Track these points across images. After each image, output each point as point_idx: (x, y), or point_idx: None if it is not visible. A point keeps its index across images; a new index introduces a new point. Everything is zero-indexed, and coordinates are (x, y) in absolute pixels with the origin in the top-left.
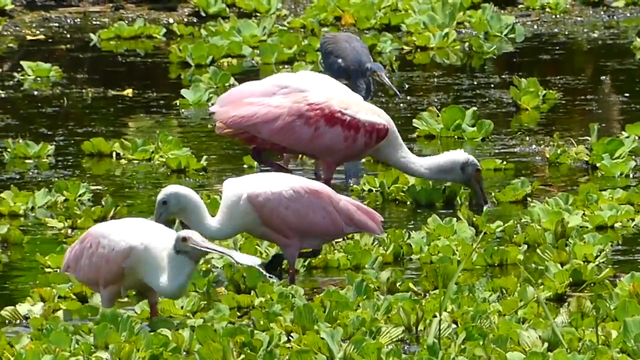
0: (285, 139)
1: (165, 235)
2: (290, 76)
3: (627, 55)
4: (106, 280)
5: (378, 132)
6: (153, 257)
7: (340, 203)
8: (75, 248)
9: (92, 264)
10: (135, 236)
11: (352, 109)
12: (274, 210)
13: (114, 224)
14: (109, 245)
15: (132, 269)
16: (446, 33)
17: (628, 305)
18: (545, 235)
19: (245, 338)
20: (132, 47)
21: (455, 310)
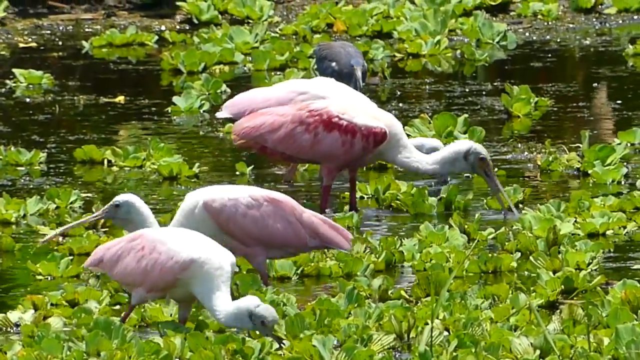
0: (288, 147)
1: (223, 253)
2: (306, 82)
3: (619, 63)
4: (153, 286)
5: (375, 136)
6: (209, 274)
7: (304, 215)
8: (117, 246)
9: (141, 267)
10: (195, 249)
11: (350, 114)
12: (231, 218)
13: (171, 232)
14: (167, 253)
15: (185, 281)
16: (438, 40)
17: (620, 313)
18: (537, 242)
19: (236, 346)
20: (124, 55)
21: (447, 318)
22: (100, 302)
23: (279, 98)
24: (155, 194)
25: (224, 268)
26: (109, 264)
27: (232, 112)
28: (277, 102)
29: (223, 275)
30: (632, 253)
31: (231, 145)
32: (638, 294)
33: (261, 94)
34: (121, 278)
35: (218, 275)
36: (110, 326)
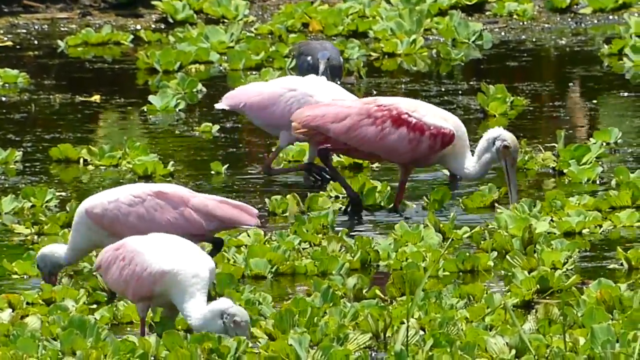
0: (352, 137)
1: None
2: (299, 79)
3: (595, 62)
4: (134, 296)
5: (443, 137)
6: (183, 284)
7: (194, 200)
8: (108, 253)
9: (122, 277)
10: (169, 260)
11: (420, 112)
12: (115, 220)
13: (149, 241)
14: (142, 264)
15: (162, 292)
16: (414, 40)
17: (595, 312)
18: (513, 241)
19: (212, 344)
20: (100, 54)
21: (422, 317)
22: (77, 301)
23: (271, 93)
24: None
25: (199, 275)
26: (103, 270)
27: (229, 103)
28: (268, 97)
29: (199, 283)
30: (608, 252)
31: (207, 144)
32: (613, 294)
33: (256, 87)
34: (111, 286)
35: (193, 284)
36: (85, 325)
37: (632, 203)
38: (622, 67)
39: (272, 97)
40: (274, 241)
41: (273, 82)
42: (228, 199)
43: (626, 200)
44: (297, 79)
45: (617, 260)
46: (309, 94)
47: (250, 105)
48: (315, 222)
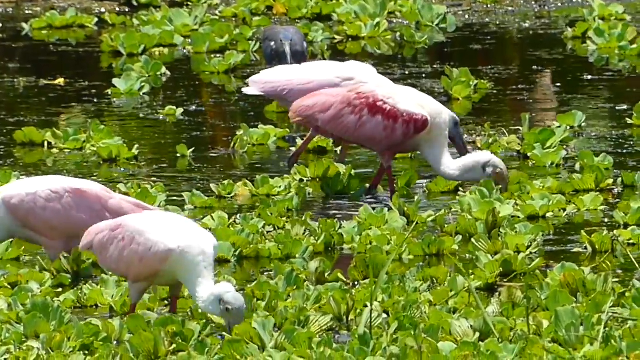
0: (336, 127)
1: (204, 236)
2: (346, 66)
3: (559, 45)
4: (137, 276)
5: (416, 123)
6: (190, 262)
7: (111, 202)
8: (102, 233)
9: (123, 258)
10: (173, 238)
11: (395, 99)
12: (30, 212)
13: (149, 220)
14: (145, 244)
15: (167, 271)
16: (377, 23)
17: (559, 295)
18: (477, 225)
19: (176, 328)
20: (64, 37)
21: (386, 300)
22: (42, 284)
23: (322, 81)
24: (95, 176)
25: (205, 253)
26: (97, 250)
27: (265, 89)
28: (320, 85)
29: (205, 261)
30: (572, 236)
31: (171, 127)
32: (577, 277)
33: (299, 74)
34: (108, 267)
35: (200, 262)
36: (49, 308)
37: (595, 186)
38: (585, 50)
39: (323, 86)
40: (238, 224)
41: (316, 69)
42: (145, 203)
43: (590, 184)
44: (343, 65)
45: (581, 243)
46: (365, 81)
47: (297, 92)
48: (280, 206)
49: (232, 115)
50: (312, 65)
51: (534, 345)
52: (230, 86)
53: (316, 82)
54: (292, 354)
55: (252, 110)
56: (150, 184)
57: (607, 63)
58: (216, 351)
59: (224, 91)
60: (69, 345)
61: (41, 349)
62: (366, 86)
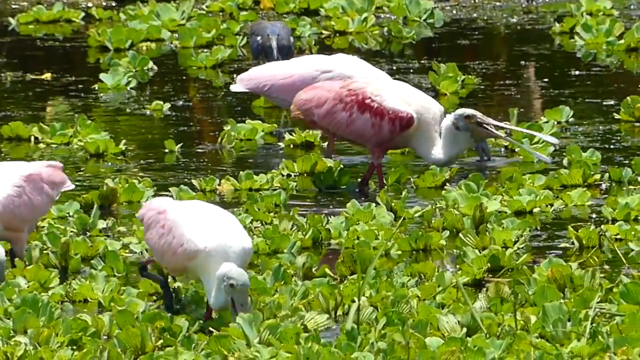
0: (329, 122)
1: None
2: (328, 59)
3: (546, 41)
4: (171, 267)
5: (401, 120)
6: (211, 264)
7: (43, 173)
8: (151, 212)
9: (159, 246)
10: (204, 238)
11: (382, 96)
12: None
13: (190, 214)
14: (179, 240)
15: (195, 268)
16: (365, 18)
17: (546, 291)
18: (464, 220)
19: (165, 323)
20: (51, 31)
21: (373, 295)
22: (30, 279)
23: (302, 75)
24: (82, 171)
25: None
26: (145, 225)
27: (249, 86)
28: (300, 79)
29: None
30: (559, 231)
31: (158, 122)
32: (564, 272)
33: (281, 69)
34: (147, 244)
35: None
36: (38, 303)
37: (583, 182)
38: (573, 45)
39: (305, 79)
40: None
41: (299, 63)
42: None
43: (577, 179)
44: (326, 58)
45: (568, 239)
46: (347, 74)
47: (278, 87)
48: (268, 201)
49: (219, 110)
50: (296, 60)
51: (521, 340)
52: (218, 81)
53: (296, 76)
54: (280, 349)
55: (239, 105)
56: (138, 178)
57: (595, 58)
58: (203, 347)
59: (211, 86)
60: (57, 341)
61: (29, 344)
62: (357, 83)
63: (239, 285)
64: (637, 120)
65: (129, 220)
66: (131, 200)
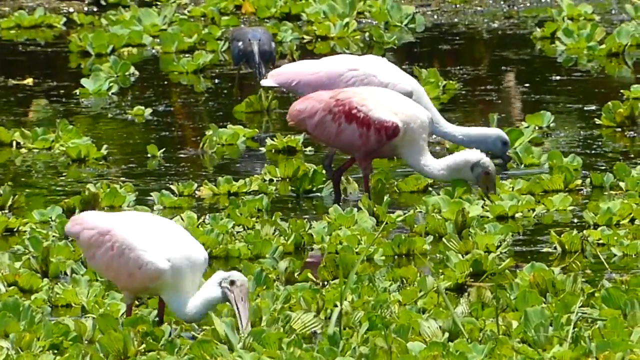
0: (320, 133)
1: (195, 251)
2: (356, 58)
3: (527, 46)
4: (126, 288)
5: (386, 130)
6: (180, 281)
7: None
8: (90, 232)
9: (111, 267)
10: (164, 256)
11: (368, 106)
12: None
13: (140, 232)
14: (135, 261)
15: (156, 288)
16: (346, 23)
17: (528, 296)
18: (446, 225)
19: (147, 328)
20: (33, 37)
21: (355, 300)
22: (11, 284)
23: (329, 71)
24: (64, 176)
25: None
26: (83, 246)
27: (279, 80)
28: (327, 75)
29: (193, 276)
30: (541, 236)
31: (140, 127)
32: (546, 277)
33: (310, 65)
34: (95, 269)
35: (187, 278)
36: (19, 308)
37: (564, 187)
38: (554, 50)
39: (330, 76)
40: (208, 224)
41: (328, 60)
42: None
43: (559, 184)
44: (355, 57)
45: (550, 243)
46: (372, 73)
47: (305, 83)
48: (250, 206)
49: (200, 116)
50: (326, 59)
51: (503, 345)
52: (199, 86)
53: (323, 72)
54: (262, 354)
55: (221, 110)
56: (120, 184)
57: (576, 63)
58: (186, 351)
59: (193, 91)
60: (39, 345)
61: (10, 348)
62: (345, 92)
63: (241, 281)
64: (619, 125)
65: None
66: (113, 205)
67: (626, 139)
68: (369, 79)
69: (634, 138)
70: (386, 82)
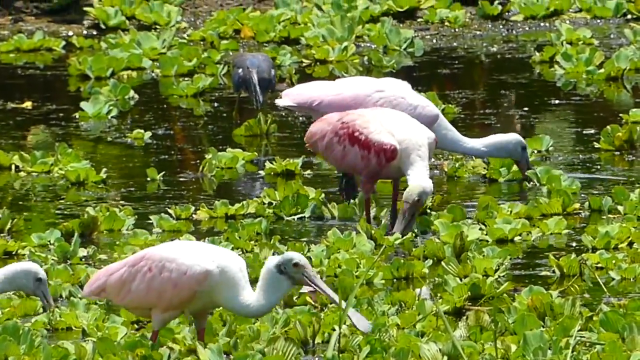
0: (328, 156)
1: (234, 258)
2: (374, 80)
3: (526, 70)
4: (170, 304)
5: (385, 153)
6: (231, 279)
7: None
8: (119, 272)
9: (152, 289)
10: (208, 259)
11: (369, 128)
12: None
13: (176, 247)
14: (178, 270)
15: (206, 292)
16: (345, 46)
17: (527, 319)
18: (445, 248)
19: (145, 351)
20: (32, 60)
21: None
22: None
23: (355, 93)
24: (63, 200)
25: (242, 270)
26: (113, 291)
27: (297, 100)
28: (352, 97)
29: (243, 278)
30: (539, 259)
31: (139, 151)
32: (545, 301)
33: (330, 86)
34: (130, 303)
35: (237, 276)
36: (19, 331)
37: (562, 210)
38: (553, 74)
39: (356, 98)
40: None
41: (347, 81)
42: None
43: (557, 208)
44: (376, 79)
45: (548, 267)
46: (400, 95)
47: (327, 104)
48: (249, 229)
49: (200, 139)
50: (345, 80)
51: None
52: (199, 109)
53: (347, 93)
54: None
55: (220, 134)
56: (119, 207)
57: (575, 87)
58: None
59: (192, 115)
60: None
61: None
62: (350, 115)
63: (302, 261)
64: (617, 149)
65: (110, 248)
66: (112, 229)
67: (625, 162)
68: (398, 101)
69: (633, 162)
70: (415, 104)
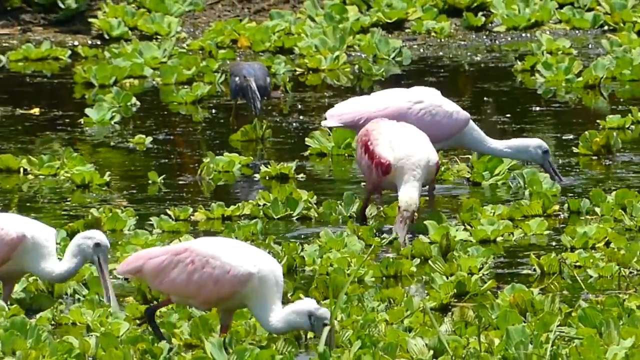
0: (358, 163)
1: (275, 263)
2: (413, 91)
3: (508, 78)
4: (208, 300)
5: (381, 166)
6: (266, 289)
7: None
8: (161, 257)
9: (192, 281)
10: (251, 262)
11: (379, 140)
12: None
13: (221, 245)
14: (222, 268)
15: (243, 294)
16: (337, 56)
17: (509, 315)
18: (432, 248)
19: (146, 346)
20: (39, 68)
21: (344, 319)
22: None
23: (397, 107)
24: (68, 201)
25: (278, 281)
26: (151, 274)
27: (343, 120)
28: (396, 111)
29: (277, 287)
30: (521, 259)
31: (141, 155)
32: (526, 297)
33: (372, 102)
34: (167, 289)
35: (272, 287)
36: (26, 326)
37: (543, 212)
38: (534, 82)
39: (399, 110)
40: None
41: (387, 95)
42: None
43: (537, 210)
44: (412, 90)
45: (530, 266)
46: (438, 103)
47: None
48: (245, 230)
49: (198, 144)
50: (381, 93)
51: None
52: (197, 116)
53: (391, 108)
54: None
55: (217, 139)
56: (121, 208)
57: (555, 95)
58: None
59: (191, 121)
60: None
61: None
62: (373, 124)
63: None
64: (595, 153)
65: (113, 247)
66: (114, 229)
67: (602, 166)
68: (436, 110)
69: (609, 166)
70: (451, 110)
